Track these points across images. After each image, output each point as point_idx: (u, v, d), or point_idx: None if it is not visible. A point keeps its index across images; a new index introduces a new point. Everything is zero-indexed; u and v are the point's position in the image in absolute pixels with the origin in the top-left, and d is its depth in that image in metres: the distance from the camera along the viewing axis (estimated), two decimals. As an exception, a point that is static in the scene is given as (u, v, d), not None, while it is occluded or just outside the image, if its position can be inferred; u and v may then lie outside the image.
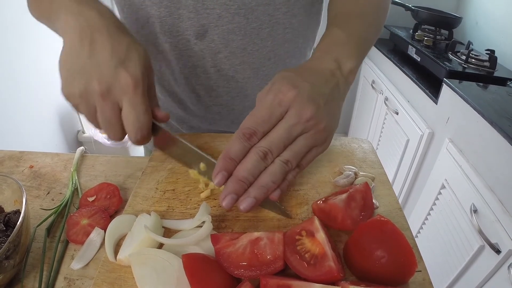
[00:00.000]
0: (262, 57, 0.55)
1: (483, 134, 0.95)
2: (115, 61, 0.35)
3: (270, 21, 0.52)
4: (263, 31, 0.52)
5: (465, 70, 1.25)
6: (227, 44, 0.52)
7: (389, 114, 1.58)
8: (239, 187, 0.35)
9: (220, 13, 0.49)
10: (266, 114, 0.36)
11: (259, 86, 0.58)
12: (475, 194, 0.94)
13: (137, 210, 0.42)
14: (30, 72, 1.52)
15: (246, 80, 0.57)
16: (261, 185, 0.35)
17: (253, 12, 0.50)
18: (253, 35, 0.52)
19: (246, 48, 0.53)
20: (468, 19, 1.68)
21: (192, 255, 0.32)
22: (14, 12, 1.40)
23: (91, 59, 0.35)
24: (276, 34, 0.53)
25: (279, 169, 0.35)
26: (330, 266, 0.30)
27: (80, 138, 1.92)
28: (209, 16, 0.50)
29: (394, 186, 1.54)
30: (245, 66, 0.55)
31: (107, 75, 0.35)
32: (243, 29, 0.51)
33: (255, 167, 0.35)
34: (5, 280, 0.38)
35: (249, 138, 0.35)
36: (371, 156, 0.52)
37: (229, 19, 0.50)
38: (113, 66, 0.35)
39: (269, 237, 0.34)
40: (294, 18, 0.53)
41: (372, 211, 0.39)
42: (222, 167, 0.35)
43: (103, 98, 0.36)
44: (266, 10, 0.50)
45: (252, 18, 0.51)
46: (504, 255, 0.81)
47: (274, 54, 0.55)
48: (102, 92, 0.35)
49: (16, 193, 0.43)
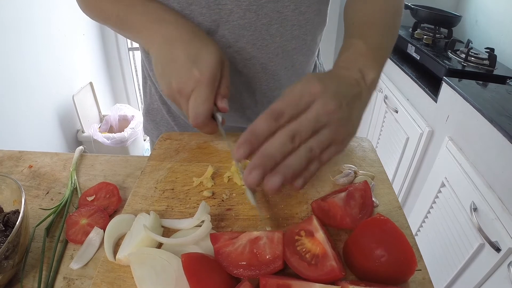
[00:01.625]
0: (271, 52, 0.56)
1: (482, 132, 0.95)
2: (189, 62, 0.43)
3: (279, 18, 0.53)
4: (272, 27, 0.53)
5: (464, 68, 1.25)
6: (238, 39, 0.53)
7: (388, 113, 1.58)
8: (267, 162, 0.34)
9: (231, 8, 0.50)
10: (295, 99, 0.37)
11: (267, 82, 0.59)
12: (475, 192, 0.94)
13: (136, 210, 0.42)
14: (30, 72, 1.52)
15: (254, 75, 0.58)
16: (288, 165, 0.35)
17: (263, 8, 0.51)
18: (263, 30, 0.53)
19: (256, 44, 0.54)
20: (467, 18, 1.68)
21: (191, 255, 0.32)
22: (14, 13, 1.40)
23: (170, 64, 0.44)
24: (284, 30, 0.54)
25: (304, 153, 0.35)
26: (332, 266, 0.30)
27: (79, 138, 1.92)
28: (220, 12, 0.50)
29: (394, 185, 1.54)
30: (254, 61, 0.56)
31: (183, 75, 0.43)
32: (253, 24, 0.52)
33: (283, 147, 0.35)
34: (5, 280, 0.38)
35: (277, 118, 0.36)
36: (371, 155, 0.51)
37: (240, 15, 0.51)
38: (187, 67, 0.43)
39: (268, 236, 0.34)
40: (301, 15, 0.54)
41: (372, 209, 0.39)
42: (246, 140, 0.35)
43: (180, 95, 0.44)
44: (275, 7, 0.51)
45: (262, 14, 0.51)
46: (504, 253, 0.82)
47: (282, 50, 0.56)
48: (179, 89, 0.43)
49: (15, 193, 0.43)
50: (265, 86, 0.60)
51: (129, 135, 1.90)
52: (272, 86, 0.60)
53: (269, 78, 0.59)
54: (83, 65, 1.99)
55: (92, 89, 2.01)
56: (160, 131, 0.69)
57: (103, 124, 2.04)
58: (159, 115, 0.68)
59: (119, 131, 2.00)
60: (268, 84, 0.60)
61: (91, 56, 2.09)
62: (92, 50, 2.09)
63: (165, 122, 0.68)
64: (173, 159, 0.50)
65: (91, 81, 1.99)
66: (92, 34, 2.07)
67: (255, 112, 0.63)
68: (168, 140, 0.54)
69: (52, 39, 1.68)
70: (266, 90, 0.60)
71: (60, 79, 1.75)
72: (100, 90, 2.11)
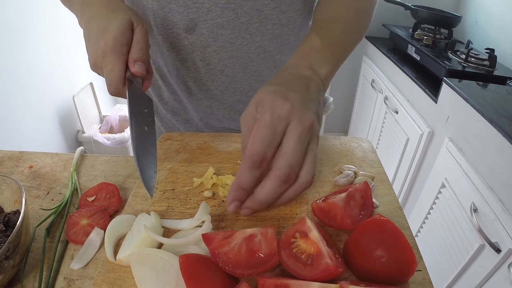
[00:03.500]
0: (251, 52, 0.55)
1: (483, 133, 0.95)
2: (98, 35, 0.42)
3: (259, 16, 0.52)
4: (252, 26, 0.53)
5: (464, 69, 1.25)
6: (216, 38, 0.53)
7: (389, 113, 1.58)
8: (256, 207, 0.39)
9: (209, 7, 0.50)
10: (269, 134, 0.36)
11: (248, 81, 0.59)
12: (475, 193, 0.94)
13: (137, 210, 0.42)
14: (30, 72, 1.52)
15: (235, 74, 0.58)
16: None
17: (242, 6, 0.51)
18: (242, 29, 0.53)
19: (235, 43, 0.54)
20: (467, 18, 1.68)
21: (189, 256, 0.32)
22: (14, 13, 1.40)
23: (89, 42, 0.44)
24: (265, 29, 0.54)
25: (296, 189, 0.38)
26: (327, 263, 0.30)
27: (79, 138, 1.92)
28: (198, 10, 0.50)
29: (394, 185, 1.54)
30: (233, 60, 0.56)
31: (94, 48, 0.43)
32: (232, 23, 0.52)
33: (275, 192, 0.37)
34: (5, 281, 0.38)
35: (260, 166, 0.37)
36: (371, 155, 0.52)
37: (218, 13, 0.51)
38: (96, 40, 0.42)
39: (262, 233, 0.34)
40: (282, 14, 0.54)
41: (372, 210, 0.39)
42: (234, 197, 0.38)
43: (96, 68, 0.44)
44: (255, 5, 0.51)
45: (241, 12, 0.51)
46: (504, 254, 0.81)
47: (263, 49, 0.56)
48: (93, 63, 0.44)
49: (16, 193, 0.43)
50: (246, 86, 0.59)
51: (129, 135, 1.90)
52: (254, 86, 0.60)
53: (251, 78, 0.58)
54: (84, 66, 1.99)
55: (92, 89, 2.01)
56: None
57: (104, 125, 2.04)
58: None
59: (120, 131, 2.00)
60: (250, 84, 0.59)
61: (92, 57, 2.09)
62: (92, 50, 2.09)
63: None
64: (174, 160, 0.50)
65: (91, 82, 1.99)
66: (93, 34, 2.07)
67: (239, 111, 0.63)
68: (169, 141, 0.54)
69: (53, 39, 1.68)
70: (248, 90, 0.60)
71: (60, 79, 1.75)
72: (101, 91, 2.10)
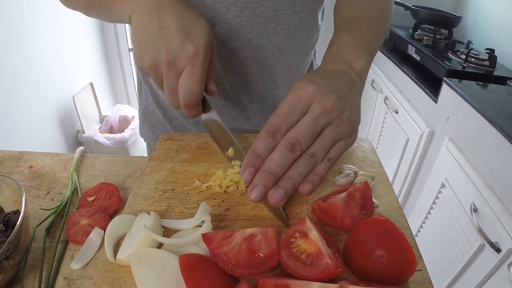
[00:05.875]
0: (267, 51, 0.55)
1: (483, 133, 0.95)
2: (181, 34, 0.39)
3: (275, 16, 0.52)
4: (269, 25, 0.53)
5: (464, 69, 1.25)
6: (234, 38, 0.53)
7: (389, 113, 1.58)
8: (267, 178, 0.35)
9: (228, 6, 0.50)
10: (287, 110, 0.37)
11: (263, 81, 0.59)
12: (475, 193, 0.94)
13: (137, 210, 0.42)
14: (31, 72, 1.52)
15: (251, 74, 0.58)
16: (288, 177, 0.36)
17: (260, 6, 0.51)
18: (259, 29, 0.53)
19: (253, 43, 0.54)
20: (467, 18, 1.68)
21: (189, 256, 0.32)
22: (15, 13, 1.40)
23: (160, 32, 0.39)
24: (281, 29, 0.54)
25: (305, 162, 0.36)
26: (327, 263, 0.30)
27: (79, 138, 1.92)
28: (217, 10, 0.50)
29: (394, 185, 1.54)
30: (250, 60, 0.56)
31: (174, 47, 0.38)
32: (250, 23, 0.52)
33: (282, 159, 0.35)
34: (5, 280, 0.38)
35: (273, 135, 0.36)
36: (371, 155, 0.52)
37: (237, 13, 0.50)
38: (180, 38, 0.38)
39: (262, 233, 0.34)
40: (296, 14, 0.54)
41: (372, 210, 0.39)
42: (248, 163, 0.36)
43: (168, 67, 0.39)
44: (272, 5, 0.51)
45: (259, 12, 0.51)
46: (504, 254, 0.81)
47: (278, 49, 0.56)
48: (169, 61, 0.39)
49: (16, 193, 0.43)
50: (261, 86, 0.59)
51: (129, 135, 1.90)
52: (268, 86, 0.60)
53: (266, 78, 0.59)
54: (84, 66, 2.00)
55: (92, 89, 2.01)
56: (156, 134, 0.68)
57: (104, 125, 2.04)
58: (155, 118, 0.68)
59: (120, 131, 2.00)
60: (265, 84, 0.59)
61: (92, 57, 2.09)
62: (92, 50, 2.09)
63: (161, 125, 0.67)
64: (174, 160, 0.50)
65: (91, 82, 1.99)
66: (93, 34, 2.07)
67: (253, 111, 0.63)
68: (169, 141, 0.54)
69: (53, 39, 1.68)
70: (263, 89, 0.60)
71: (60, 79, 1.75)
72: (101, 91, 2.11)
